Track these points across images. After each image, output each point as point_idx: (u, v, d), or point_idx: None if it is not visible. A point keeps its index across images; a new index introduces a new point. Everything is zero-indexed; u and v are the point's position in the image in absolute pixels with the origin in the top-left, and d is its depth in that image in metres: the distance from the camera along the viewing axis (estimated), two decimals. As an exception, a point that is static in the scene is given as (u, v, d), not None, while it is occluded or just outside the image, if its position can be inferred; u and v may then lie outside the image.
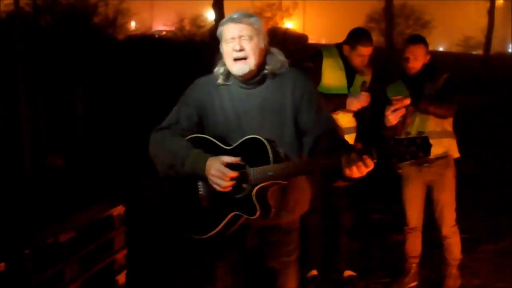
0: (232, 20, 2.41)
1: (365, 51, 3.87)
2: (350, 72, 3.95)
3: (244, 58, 2.39)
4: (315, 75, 3.85)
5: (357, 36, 3.92)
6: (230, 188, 2.29)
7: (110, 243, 3.57)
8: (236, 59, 2.39)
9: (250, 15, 2.44)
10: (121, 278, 3.65)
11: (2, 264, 2.67)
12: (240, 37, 2.39)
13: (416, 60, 3.77)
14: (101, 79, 10.07)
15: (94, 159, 7.11)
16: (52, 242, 3.02)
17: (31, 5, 15.85)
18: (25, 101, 6.05)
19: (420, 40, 3.85)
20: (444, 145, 3.82)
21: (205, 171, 2.31)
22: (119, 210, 3.65)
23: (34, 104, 6.53)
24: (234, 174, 2.27)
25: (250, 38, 2.40)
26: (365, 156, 2.09)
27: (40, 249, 2.94)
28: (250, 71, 2.41)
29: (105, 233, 3.53)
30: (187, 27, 23.53)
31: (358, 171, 2.11)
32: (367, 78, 4.06)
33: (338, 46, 3.99)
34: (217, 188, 2.30)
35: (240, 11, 2.47)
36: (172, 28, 24.64)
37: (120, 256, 3.65)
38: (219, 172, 2.27)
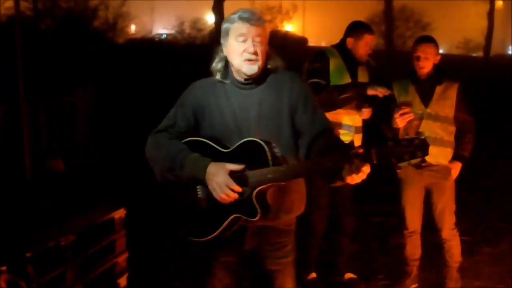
0: (248, 20, 2.39)
1: (370, 39, 4.00)
2: (352, 69, 4.01)
3: (256, 60, 2.40)
4: (325, 75, 3.89)
5: (361, 26, 4.06)
6: (232, 200, 2.30)
7: (111, 246, 3.57)
8: (247, 60, 2.40)
9: (262, 18, 2.44)
10: (122, 281, 3.65)
11: (4, 267, 2.67)
12: (254, 39, 2.39)
13: (427, 59, 3.77)
14: (102, 82, 10.07)
15: (95, 162, 7.11)
16: (53, 245, 3.02)
17: (32, 9, 15.90)
18: (25, 104, 6.05)
19: (431, 39, 3.87)
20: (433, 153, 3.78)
21: (205, 176, 2.31)
22: (120, 213, 3.65)
23: (34, 107, 6.53)
24: (239, 189, 2.28)
25: (263, 41, 2.41)
26: (365, 163, 2.10)
27: (41, 252, 2.95)
28: (257, 71, 2.43)
29: (106, 236, 3.53)
30: (187, 31, 23.59)
31: (358, 177, 2.12)
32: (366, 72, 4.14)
33: (336, 46, 4.06)
34: (219, 198, 2.30)
35: (251, 9, 2.45)
36: (172, 31, 24.69)
37: (121, 259, 3.65)
38: (225, 185, 2.27)
